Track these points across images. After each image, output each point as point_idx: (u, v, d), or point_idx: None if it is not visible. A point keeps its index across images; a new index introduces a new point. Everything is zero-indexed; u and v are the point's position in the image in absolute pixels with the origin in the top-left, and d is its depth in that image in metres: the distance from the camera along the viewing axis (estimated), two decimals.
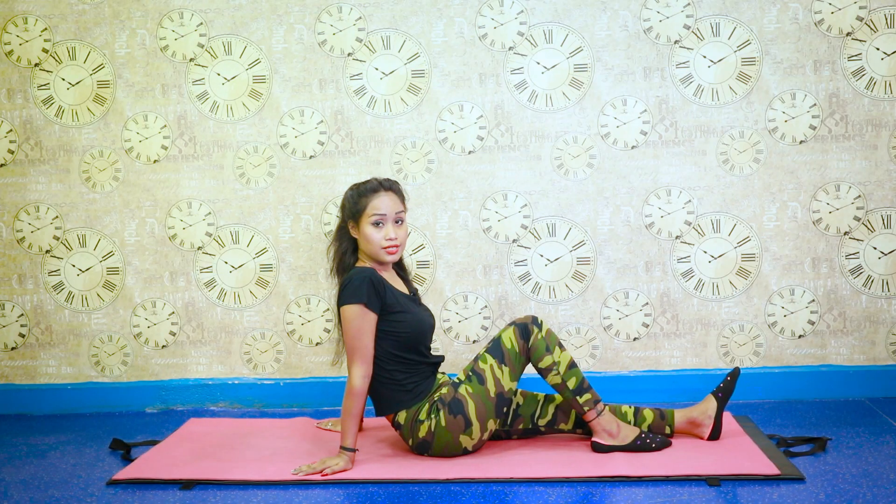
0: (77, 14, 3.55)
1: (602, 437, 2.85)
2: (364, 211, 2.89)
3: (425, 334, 2.93)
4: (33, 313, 3.67)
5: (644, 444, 2.85)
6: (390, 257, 2.92)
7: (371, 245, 2.90)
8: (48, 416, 3.61)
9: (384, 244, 2.89)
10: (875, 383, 3.47)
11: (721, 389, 2.98)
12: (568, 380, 2.82)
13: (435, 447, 2.84)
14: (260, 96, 3.55)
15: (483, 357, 2.86)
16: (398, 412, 2.87)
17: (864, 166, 3.43)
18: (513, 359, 2.83)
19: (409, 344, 2.88)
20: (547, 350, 2.82)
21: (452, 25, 3.48)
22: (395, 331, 2.86)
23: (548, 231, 3.52)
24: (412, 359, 2.89)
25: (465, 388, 2.83)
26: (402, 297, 2.91)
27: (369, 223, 2.89)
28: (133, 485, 2.76)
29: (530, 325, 2.85)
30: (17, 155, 3.62)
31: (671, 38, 3.44)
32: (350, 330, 2.81)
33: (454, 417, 2.80)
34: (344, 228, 2.98)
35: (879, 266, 3.47)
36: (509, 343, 2.84)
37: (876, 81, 3.41)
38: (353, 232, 2.94)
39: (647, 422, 2.95)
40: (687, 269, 3.51)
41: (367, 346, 2.82)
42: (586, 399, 2.83)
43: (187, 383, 3.64)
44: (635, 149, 3.48)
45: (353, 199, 2.92)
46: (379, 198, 2.90)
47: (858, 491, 2.52)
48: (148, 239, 3.61)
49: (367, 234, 2.89)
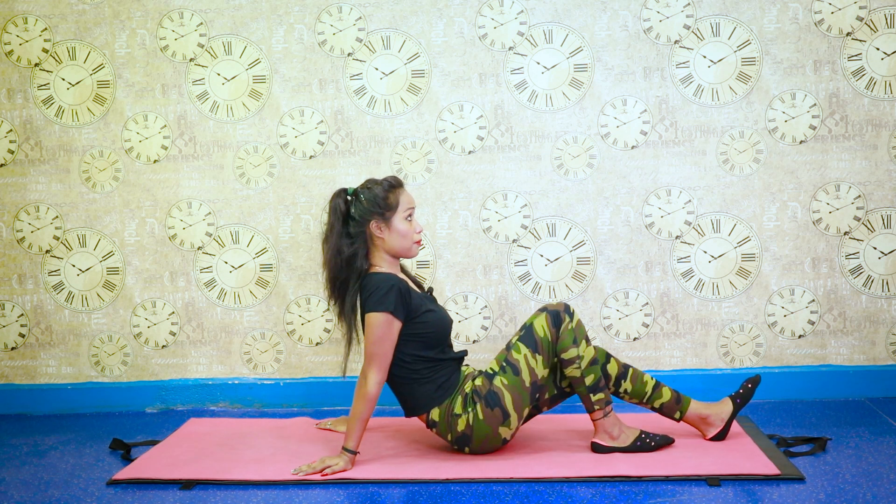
0: (77, 14, 3.55)
1: (602, 437, 2.85)
2: (398, 206, 2.86)
3: (447, 331, 2.92)
4: (33, 313, 3.67)
5: (644, 445, 2.85)
6: (419, 250, 2.93)
7: (404, 240, 2.87)
8: (48, 416, 3.61)
9: (416, 238, 2.89)
10: (875, 383, 3.47)
11: (740, 395, 2.97)
12: (586, 376, 2.81)
13: (475, 441, 2.83)
14: (260, 96, 3.55)
15: (516, 346, 2.83)
16: (431, 410, 2.86)
17: (864, 166, 3.43)
18: (545, 347, 2.81)
19: (434, 343, 2.87)
20: (574, 342, 2.80)
21: (452, 25, 3.48)
22: (421, 332, 2.85)
23: (548, 231, 3.52)
24: (438, 357, 2.88)
25: (500, 379, 2.81)
26: (423, 299, 2.90)
27: (403, 217, 2.87)
28: (133, 485, 2.76)
29: (562, 312, 2.82)
30: (17, 155, 3.62)
31: (671, 38, 3.44)
32: (372, 336, 2.79)
33: (492, 410, 2.79)
34: (357, 231, 2.86)
35: (879, 266, 3.47)
36: (542, 331, 2.81)
37: (876, 81, 3.41)
38: (379, 230, 2.86)
39: (661, 399, 2.94)
40: (687, 269, 3.51)
41: (387, 353, 2.80)
42: (598, 398, 2.82)
43: (187, 383, 3.64)
44: (635, 149, 3.48)
45: (383, 196, 2.85)
46: (404, 192, 2.90)
47: (858, 491, 2.52)
48: (148, 239, 3.61)
49: (401, 228, 2.86)
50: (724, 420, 2.95)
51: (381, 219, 2.86)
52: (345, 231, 2.87)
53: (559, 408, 3.45)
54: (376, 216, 2.86)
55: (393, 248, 2.88)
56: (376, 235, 2.87)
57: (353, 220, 2.87)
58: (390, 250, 2.89)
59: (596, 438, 2.86)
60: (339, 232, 2.87)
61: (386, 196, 2.86)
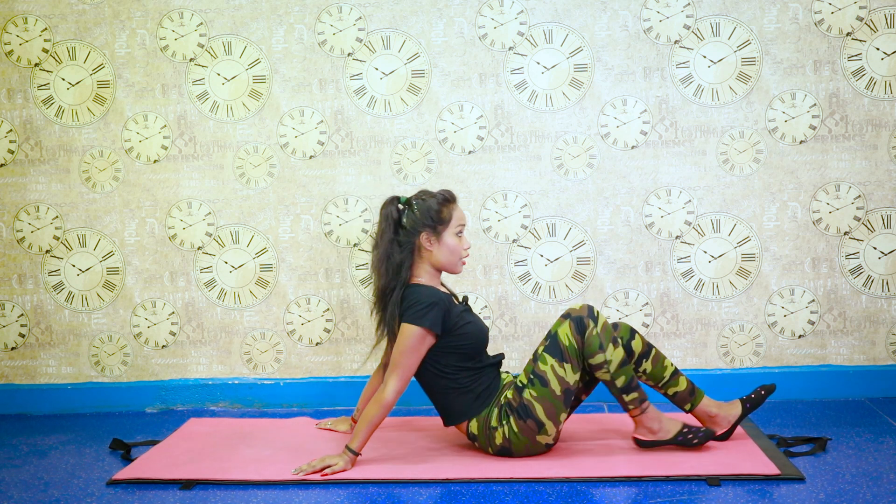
0: (77, 14, 3.55)
1: (643, 433, 2.85)
2: (451, 220, 2.87)
3: (485, 341, 2.92)
4: (33, 313, 3.67)
5: (686, 440, 2.84)
6: (463, 268, 2.95)
7: (452, 255, 2.88)
8: (48, 416, 3.61)
9: (464, 255, 2.90)
10: (875, 383, 3.47)
11: (751, 400, 2.97)
12: (616, 378, 2.79)
13: (515, 451, 2.83)
14: (260, 96, 3.55)
15: (542, 357, 2.81)
16: (470, 421, 2.86)
17: (864, 166, 3.43)
18: (572, 355, 2.79)
19: (472, 353, 2.87)
20: (600, 348, 2.78)
21: (452, 25, 3.48)
22: (460, 344, 2.85)
23: (548, 231, 3.52)
24: (476, 366, 2.88)
25: (529, 392, 2.79)
26: (461, 311, 2.90)
27: (454, 233, 2.87)
28: (133, 485, 2.76)
29: (586, 318, 2.79)
30: (17, 155, 3.62)
31: (671, 38, 3.44)
32: (403, 346, 2.79)
33: (524, 422, 2.78)
34: (405, 241, 2.85)
35: (879, 266, 3.47)
36: (566, 340, 2.79)
37: (876, 81, 3.41)
38: (428, 243, 2.86)
39: (676, 388, 2.94)
40: (687, 269, 3.51)
41: (412, 366, 2.80)
42: (632, 398, 2.81)
43: (187, 383, 3.64)
44: (635, 149, 3.48)
45: (437, 209, 2.86)
46: (457, 208, 2.90)
47: (858, 491, 2.52)
48: (148, 239, 3.61)
49: (451, 244, 2.87)
50: (730, 422, 2.95)
51: (433, 232, 2.86)
52: (395, 239, 2.87)
53: None
54: (428, 228, 2.86)
55: (439, 262, 2.89)
56: (425, 247, 2.87)
57: (403, 228, 2.87)
58: (436, 263, 2.89)
59: (636, 434, 2.86)
60: (389, 238, 2.86)
61: (440, 209, 2.86)
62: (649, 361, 2.93)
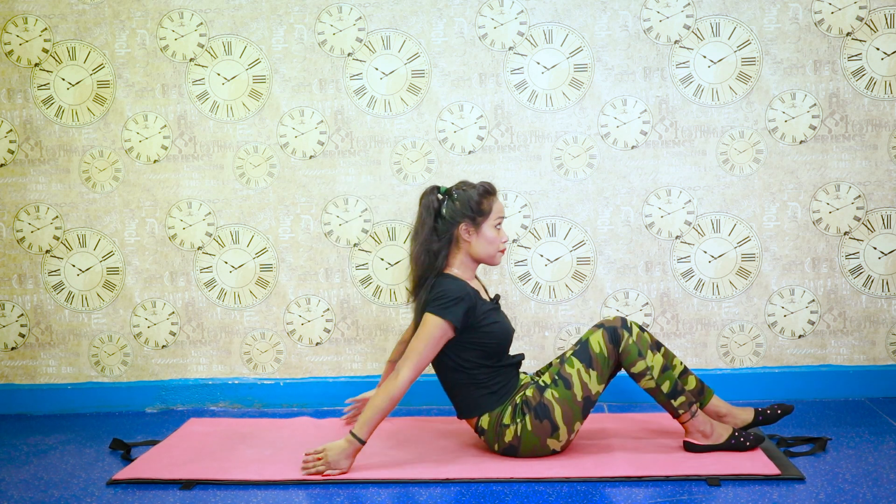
0: (77, 14, 3.55)
1: (696, 437, 2.83)
2: (491, 212, 2.86)
3: (509, 342, 2.91)
4: (33, 313, 3.67)
5: (738, 444, 2.82)
6: (501, 258, 2.96)
7: (490, 247, 2.87)
8: (48, 416, 3.61)
9: (501, 246, 2.89)
10: (875, 383, 3.47)
11: (765, 414, 2.97)
12: (662, 384, 2.78)
13: (522, 451, 2.82)
14: (260, 96, 3.55)
15: (570, 361, 2.81)
16: (481, 416, 2.85)
17: (864, 166, 3.43)
18: (601, 363, 2.78)
19: (494, 352, 2.86)
20: (640, 355, 2.77)
21: (452, 25, 3.48)
22: (483, 341, 2.84)
23: (548, 231, 3.52)
24: (497, 364, 2.88)
25: (550, 392, 2.79)
26: (489, 308, 2.88)
27: (493, 225, 2.87)
28: (133, 485, 2.76)
29: (620, 328, 2.79)
30: (17, 155, 3.62)
31: (671, 38, 3.44)
32: (423, 335, 2.77)
33: (540, 422, 2.78)
34: (444, 230, 2.85)
35: (879, 266, 3.47)
36: (598, 347, 2.78)
37: (876, 81, 3.41)
38: (467, 234, 2.85)
39: (686, 386, 2.94)
40: (687, 269, 3.51)
41: (427, 357, 2.78)
42: (681, 402, 2.79)
43: (187, 383, 3.64)
44: (635, 149, 3.48)
45: (477, 200, 2.85)
46: (497, 200, 2.89)
47: (858, 491, 2.52)
48: (148, 239, 3.61)
49: (489, 236, 2.86)
50: (736, 425, 2.95)
51: (472, 223, 2.85)
52: (435, 227, 2.86)
53: None
54: (467, 219, 2.85)
55: (477, 254, 2.88)
56: (463, 238, 2.87)
57: (442, 218, 2.86)
58: (474, 254, 2.89)
59: (688, 438, 2.84)
60: (430, 227, 2.86)
61: (480, 201, 2.85)
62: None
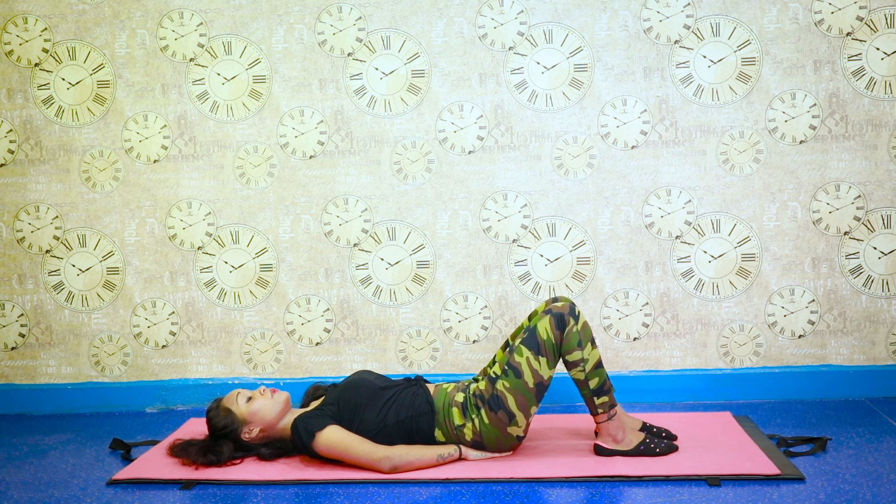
0: (77, 14, 3.55)
1: (606, 440, 2.84)
2: (240, 426, 2.95)
3: (366, 406, 2.89)
4: (33, 313, 3.67)
5: (648, 450, 2.83)
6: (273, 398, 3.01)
7: (265, 410, 2.95)
8: (48, 416, 3.62)
9: (262, 394, 2.99)
10: (875, 383, 3.47)
11: (652, 437, 2.89)
12: (591, 379, 2.79)
13: (487, 444, 2.84)
14: (260, 96, 3.55)
15: (518, 349, 2.82)
16: (435, 435, 2.86)
17: (864, 166, 3.43)
18: (549, 349, 2.80)
19: (373, 427, 2.87)
20: (578, 345, 2.79)
21: (452, 25, 3.48)
22: (360, 431, 2.85)
23: (548, 231, 3.52)
24: (382, 418, 2.87)
25: (501, 383, 2.81)
26: (333, 415, 2.89)
27: (248, 415, 2.95)
28: (133, 485, 2.77)
29: (567, 315, 2.80)
30: (17, 155, 3.62)
31: (671, 38, 3.44)
32: (337, 451, 2.80)
33: (496, 414, 2.80)
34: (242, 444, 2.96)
35: (879, 266, 3.47)
36: (545, 334, 2.80)
37: (876, 81, 3.41)
38: (249, 433, 2.94)
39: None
40: (687, 269, 3.51)
41: (361, 448, 2.79)
42: (602, 402, 2.81)
43: (187, 383, 3.64)
44: (635, 149, 3.48)
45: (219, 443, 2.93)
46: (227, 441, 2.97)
47: (858, 491, 2.52)
48: (148, 239, 3.61)
49: (253, 409, 2.94)
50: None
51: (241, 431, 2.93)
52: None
53: (559, 408, 3.46)
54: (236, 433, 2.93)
55: (266, 421, 2.93)
56: (255, 435, 2.93)
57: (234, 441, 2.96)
58: (267, 423, 2.93)
59: (599, 441, 2.85)
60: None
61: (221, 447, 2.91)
62: None
